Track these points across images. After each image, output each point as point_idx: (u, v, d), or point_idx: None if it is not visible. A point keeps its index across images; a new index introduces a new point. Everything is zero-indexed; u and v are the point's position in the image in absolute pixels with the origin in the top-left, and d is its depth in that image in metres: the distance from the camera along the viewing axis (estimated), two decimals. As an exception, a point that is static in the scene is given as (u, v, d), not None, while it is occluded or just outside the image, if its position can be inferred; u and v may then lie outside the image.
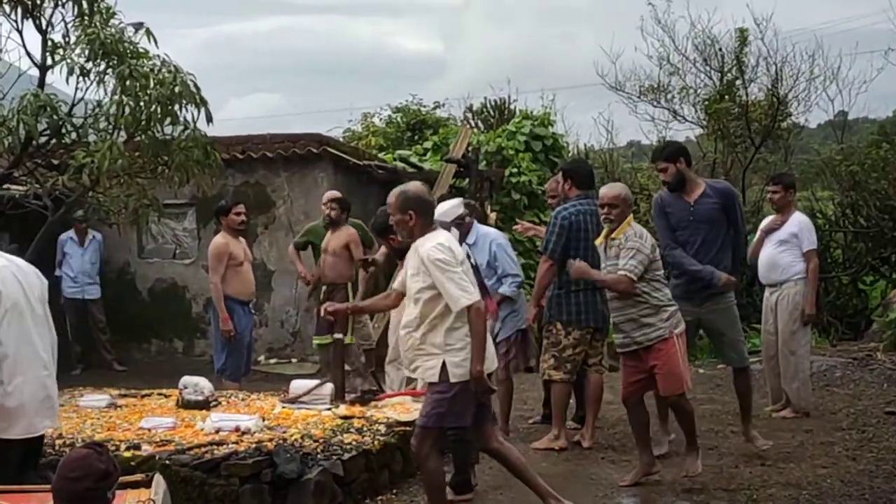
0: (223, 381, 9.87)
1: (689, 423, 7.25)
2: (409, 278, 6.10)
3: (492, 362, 6.14)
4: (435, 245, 5.90)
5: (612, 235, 7.06)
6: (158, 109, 8.85)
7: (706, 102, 21.87)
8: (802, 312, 9.30)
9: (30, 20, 8.95)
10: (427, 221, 6.06)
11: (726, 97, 21.61)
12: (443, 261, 5.84)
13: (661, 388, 7.14)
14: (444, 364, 5.93)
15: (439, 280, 5.83)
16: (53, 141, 9.28)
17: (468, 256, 7.03)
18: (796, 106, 22.16)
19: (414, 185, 6.28)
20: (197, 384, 8.45)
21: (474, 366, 5.84)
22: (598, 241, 7.27)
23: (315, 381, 8.55)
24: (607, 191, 7.16)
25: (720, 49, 21.98)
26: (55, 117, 8.86)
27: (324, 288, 10.64)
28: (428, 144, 19.20)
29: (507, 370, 8.63)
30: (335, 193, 11.35)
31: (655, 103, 22.74)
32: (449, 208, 8.21)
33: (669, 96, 22.54)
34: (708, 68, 22.27)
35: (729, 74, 22.04)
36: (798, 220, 9.48)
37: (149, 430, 7.40)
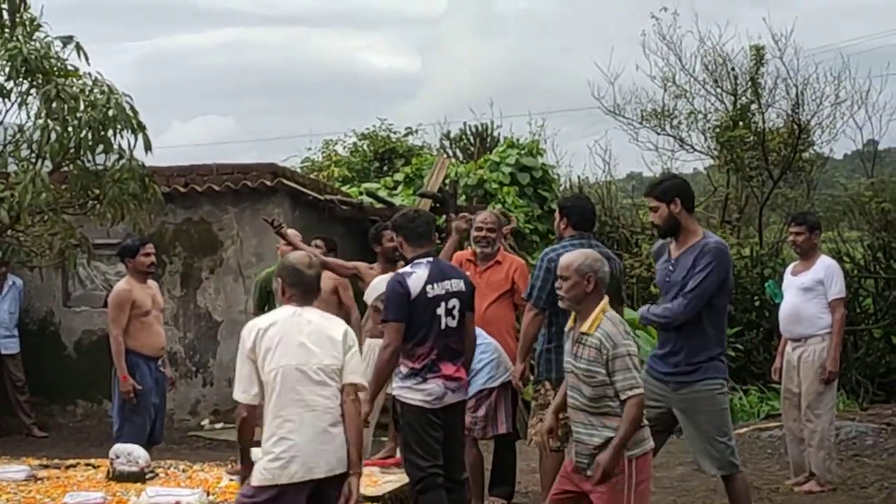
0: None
1: None
2: None
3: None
4: (248, 325, 6.12)
5: (584, 330, 6.30)
6: (89, 135, 8.86)
7: (717, 129, 22.02)
8: (824, 369, 9.33)
9: (-58, 33, 8.96)
10: (293, 293, 6.18)
11: (740, 124, 21.74)
12: (242, 340, 6.05)
13: None
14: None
15: None
16: (-33, 171, 9.27)
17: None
18: (820, 134, 22.34)
19: (294, 255, 6.46)
20: (130, 453, 8.39)
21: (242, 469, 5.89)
22: (568, 326, 6.59)
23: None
24: (562, 258, 6.56)
25: (733, 69, 22.18)
26: (-31, 144, 8.86)
27: None
28: (399, 176, 19.26)
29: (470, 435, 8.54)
30: (293, 233, 11.35)
31: (659, 130, 22.90)
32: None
33: (675, 122, 22.70)
34: (719, 91, 22.47)
35: (743, 98, 22.23)
36: (824, 265, 9.51)
37: (74, 506, 7.34)
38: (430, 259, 7.35)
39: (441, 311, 7.21)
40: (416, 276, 7.20)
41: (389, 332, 7.22)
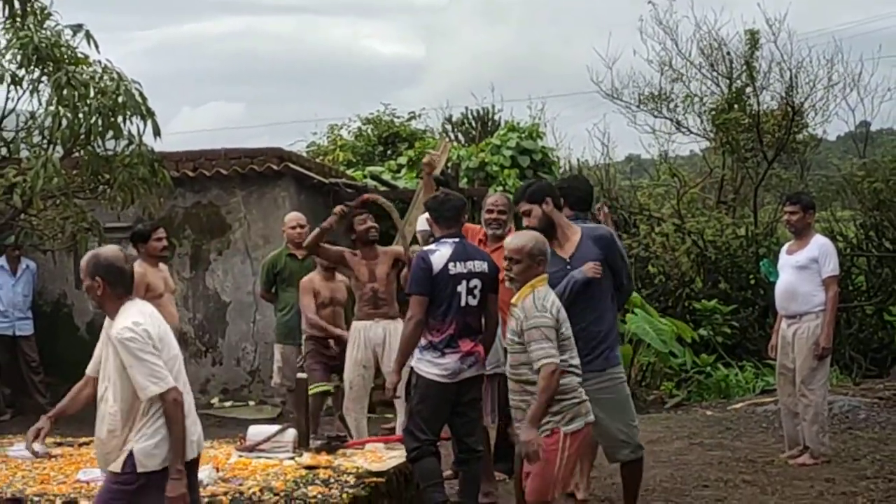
0: None
1: None
2: (103, 360, 5.89)
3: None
4: (128, 323, 5.64)
5: (513, 301, 6.44)
6: (99, 122, 8.84)
7: (713, 112, 22.03)
8: (817, 345, 9.32)
9: (-46, 22, 8.94)
10: (119, 292, 5.80)
11: (735, 106, 21.76)
12: (129, 341, 5.58)
13: (526, 489, 6.42)
14: (130, 453, 5.61)
15: (128, 363, 5.59)
16: (-20, 157, 9.27)
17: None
18: (813, 116, 22.39)
19: (107, 250, 5.97)
20: (142, 431, 8.38)
21: (174, 463, 5.55)
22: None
23: (275, 427, 8.52)
24: (510, 241, 6.63)
25: (728, 53, 22.19)
26: (-18, 131, 8.85)
27: (331, 341, 10.43)
28: (402, 160, 19.26)
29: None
30: (299, 215, 11.33)
31: (657, 113, 22.92)
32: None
33: (672, 105, 22.72)
34: (715, 74, 22.47)
35: (738, 81, 22.23)
36: (819, 244, 9.49)
37: (87, 482, 7.35)
38: (457, 240, 7.44)
39: (462, 288, 7.31)
40: (440, 253, 7.36)
41: (413, 304, 7.36)
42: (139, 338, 5.58)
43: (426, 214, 8.44)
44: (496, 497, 8.34)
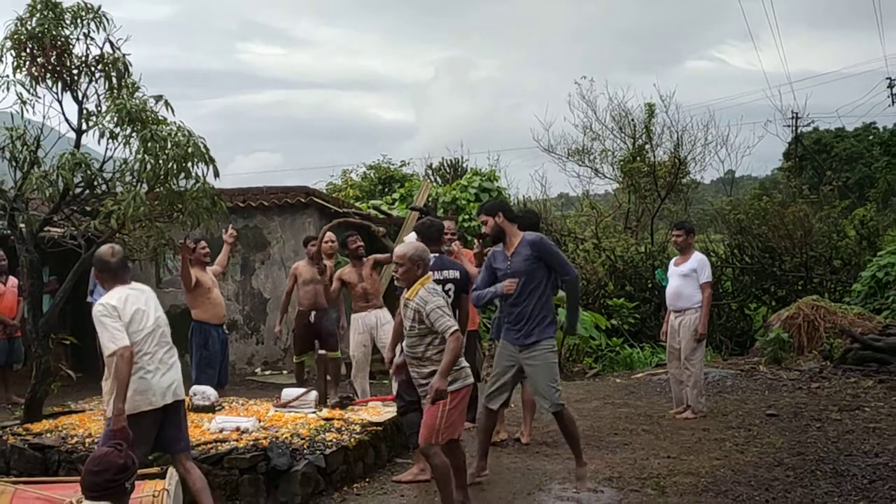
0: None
1: (441, 481, 5.99)
2: None
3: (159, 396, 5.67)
4: (101, 303, 5.59)
5: (407, 296, 6.13)
6: (174, 166, 8.76)
7: (621, 163, 22.16)
8: (696, 331, 9.33)
9: (68, 92, 8.88)
10: (108, 278, 5.78)
11: (638, 158, 21.89)
12: (100, 313, 5.52)
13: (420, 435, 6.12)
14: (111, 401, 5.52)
15: (99, 332, 5.49)
16: (87, 192, 9.18)
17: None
18: (694, 166, 22.62)
19: (102, 248, 5.93)
20: (204, 392, 8.36)
21: (115, 404, 5.38)
22: (404, 296, 6.25)
23: (302, 389, 8.49)
24: (397, 249, 6.33)
25: (633, 120, 22.43)
26: (88, 172, 8.76)
27: (313, 313, 10.42)
28: (396, 195, 19.28)
29: None
30: (332, 234, 11.30)
31: (580, 163, 23.13)
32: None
33: (592, 157, 22.89)
34: (623, 135, 22.67)
35: (639, 140, 22.40)
36: (697, 258, 9.54)
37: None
38: (437, 255, 7.31)
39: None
40: None
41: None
42: (104, 310, 5.54)
43: (414, 234, 8.46)
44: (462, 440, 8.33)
